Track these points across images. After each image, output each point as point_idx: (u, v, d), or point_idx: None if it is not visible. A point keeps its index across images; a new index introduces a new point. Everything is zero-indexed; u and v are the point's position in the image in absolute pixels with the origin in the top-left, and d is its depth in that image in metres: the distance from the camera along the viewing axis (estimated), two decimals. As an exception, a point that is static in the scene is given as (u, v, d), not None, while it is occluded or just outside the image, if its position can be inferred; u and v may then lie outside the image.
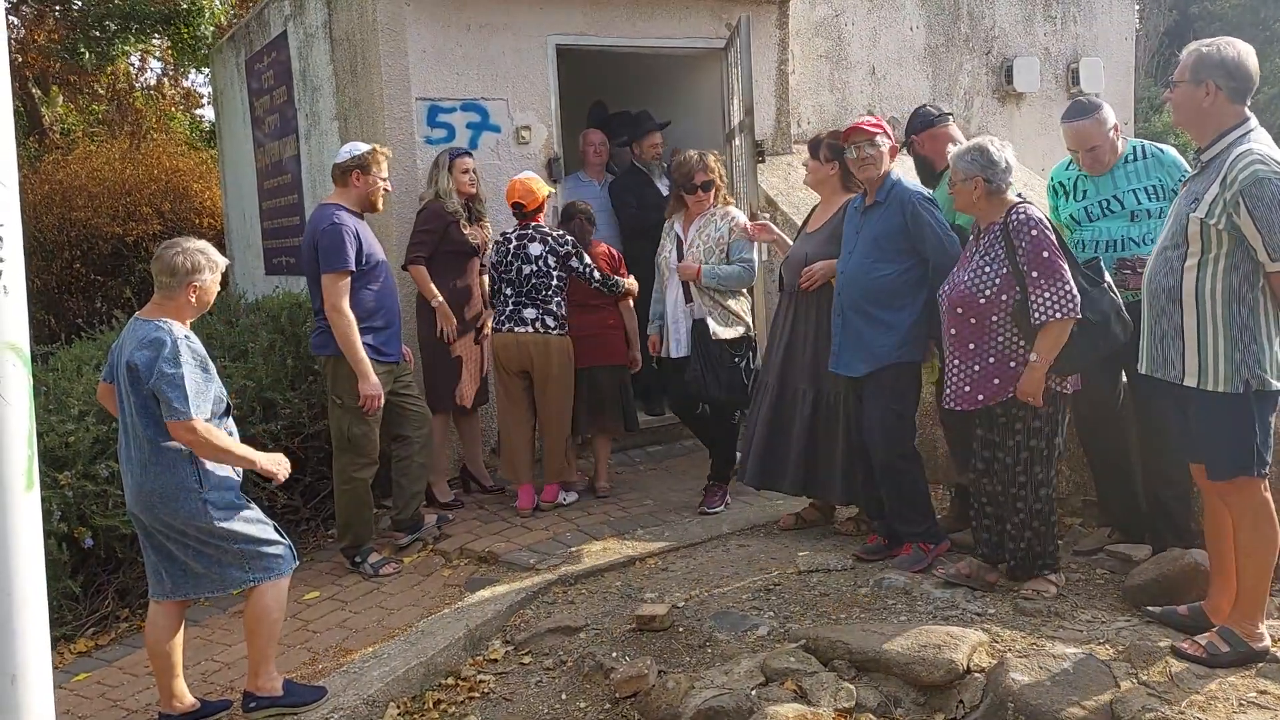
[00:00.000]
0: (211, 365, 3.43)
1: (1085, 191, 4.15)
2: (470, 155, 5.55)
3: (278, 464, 3.48)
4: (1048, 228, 3.70)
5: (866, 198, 4.35)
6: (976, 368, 3.76)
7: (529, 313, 5.23)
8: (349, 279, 4.57)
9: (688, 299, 5.03)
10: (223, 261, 3.52)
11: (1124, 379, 4.06)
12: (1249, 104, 3.21)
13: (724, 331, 4.95)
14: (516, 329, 5.24)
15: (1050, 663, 3.21)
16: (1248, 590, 3.20)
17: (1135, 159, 4.07)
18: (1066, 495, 4.62)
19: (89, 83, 13.16)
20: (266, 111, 7.63)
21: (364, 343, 4.61)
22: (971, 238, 3.93)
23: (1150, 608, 3.60)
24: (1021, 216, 3.69)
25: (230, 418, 3.54)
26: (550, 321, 5.24)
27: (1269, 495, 3.21)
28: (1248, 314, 3.12)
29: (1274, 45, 14.90)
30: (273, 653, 3.54)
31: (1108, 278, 3.78)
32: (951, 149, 3.96)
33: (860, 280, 4.25)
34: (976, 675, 3.27)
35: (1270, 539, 3.19)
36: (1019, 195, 3.82)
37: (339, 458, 4.78)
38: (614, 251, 5.65)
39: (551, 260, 5.24)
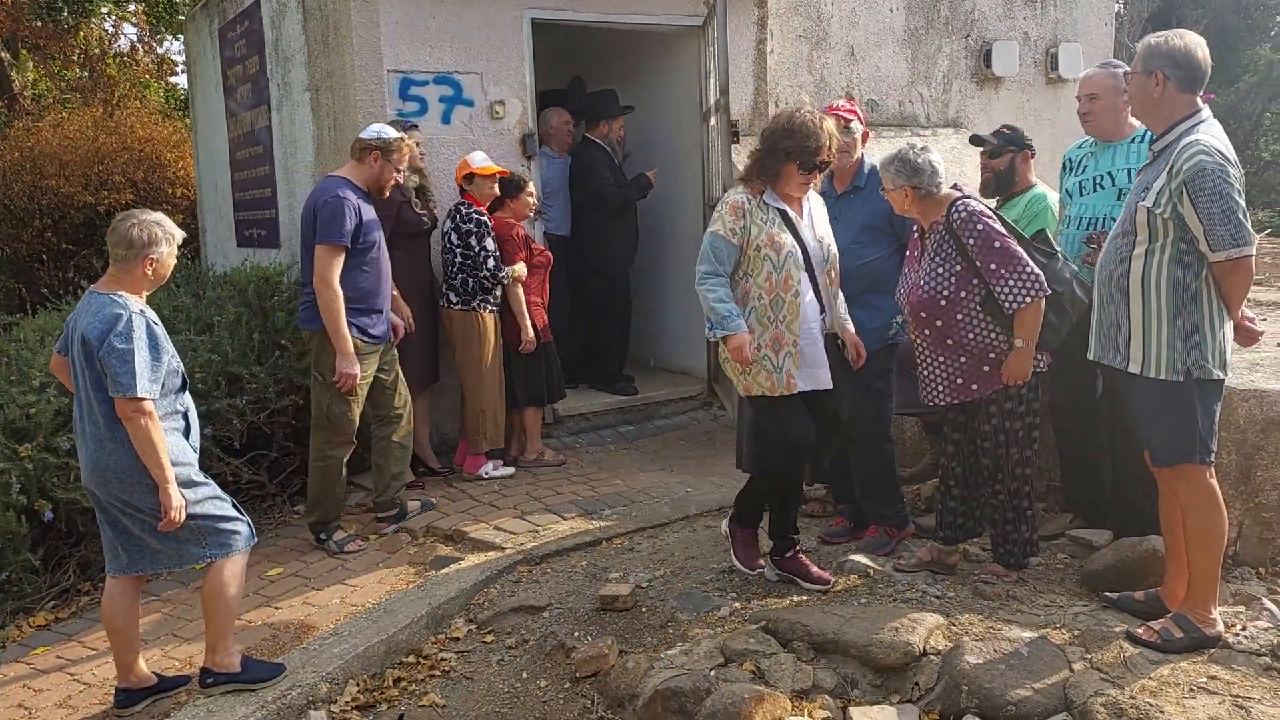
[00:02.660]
0: (166, 341, 3.38)
1: (1086, 167, 4.18)
2: (417, 127, 5.49)
3: (177, 508, 3.29)
4: (991, 218, 3.68)
5: (837, 182, 4.33)
6: (963, 359, 3.73)
7: (444, 286, 5.50)
8: (342, 254, 4.48)
9: (822, 308, 3.87)
10: (179, 234, 3.47)
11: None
12: (1200, 93, 3.24)
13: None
14: (440, 301, 5.53)
15: (1005, 646, 3.23)
16: (1199, 577, 3.23)
17: (1139, 140, 4.06)
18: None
19: (61, 48, 12.93)
20: (239, 81, 7.52)
21: (353, 323, 4.54)
22: (915, 236, 3.91)
23: (1108, 593, 3.63)
24: (964, 213, 3.66)
25: (187, 393, 3.51)
26: (453, 296, 5.46)
27: (1215, 482, 3.24)
28: (1191, 303, 3.14)
29: (1255, 34, 14.94)
30: (231, 629, 3.52)
31: (1058, 246, 3.81)
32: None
33: (850, 266, 4.19)
34: (933, 658, 3.30)
35: (1218, 525, 3.22)
36: (955, 187, 3.78)
37: (316, 434, 4.70)
38: (528, 235, 5.72)
39: (455, 238, 5.41)
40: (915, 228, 3.91)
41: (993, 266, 3.60)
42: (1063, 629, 3.38)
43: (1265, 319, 3.83)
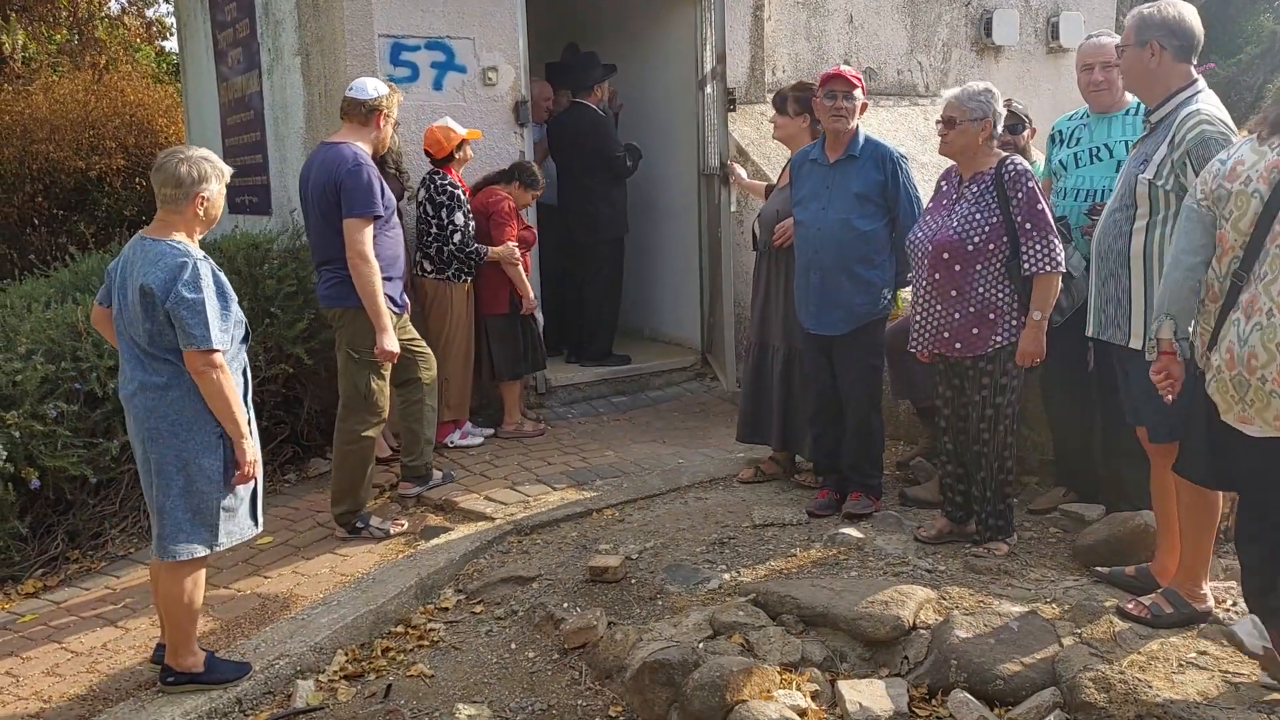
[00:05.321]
0: (230, 290, 3.22)
1: (1079, 139, 4.16)
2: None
3: (252, 462, 3.24)
4: (1038, 181, 3.75)
5: (830, 150, 4.27)
6: (956, 315, 3.74)
7: (419, 255, 5.46)
8: (373, 225, 4.29)
9: None
10: (228, 171, 3.27)
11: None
12: (1194, 62, 3.19)
13: None
14: (414, 271, 5.47)
15: (995, 620, 3.22)
16: (1191, 553, 3.22)
17: (1134, 113, 4.04)
18: (1024, 454, 4.62)
19: (50, 10, 12.76)
20: (230, 45, 7.41)
21: (385, 294, 4.37)
22: (945, 185, 3.89)
23: (1099, 568, 3.62)
24: (1020, 167, 3.69)
25: (246, 345, 3.35)
26: (427, 265, 5.44)
27: (1210, 459, 3.21)
28: None
29: (1258, 4, 14.79)
30: (194, 630, 3.35)
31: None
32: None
33: (844, 237, 4.17)
34: (922, 631, 3.29)
35: (1211, 502, 3.19)
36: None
37: (348, 417, 4.46)
38: (513, 206, 5.64)
39: (429, 208, 5.38)
40: (948, 177, 3.91)
41: (1028, 226, 3.64)
42: (1053, 603, 3.37)
43: (1261, 293, 3.78)
